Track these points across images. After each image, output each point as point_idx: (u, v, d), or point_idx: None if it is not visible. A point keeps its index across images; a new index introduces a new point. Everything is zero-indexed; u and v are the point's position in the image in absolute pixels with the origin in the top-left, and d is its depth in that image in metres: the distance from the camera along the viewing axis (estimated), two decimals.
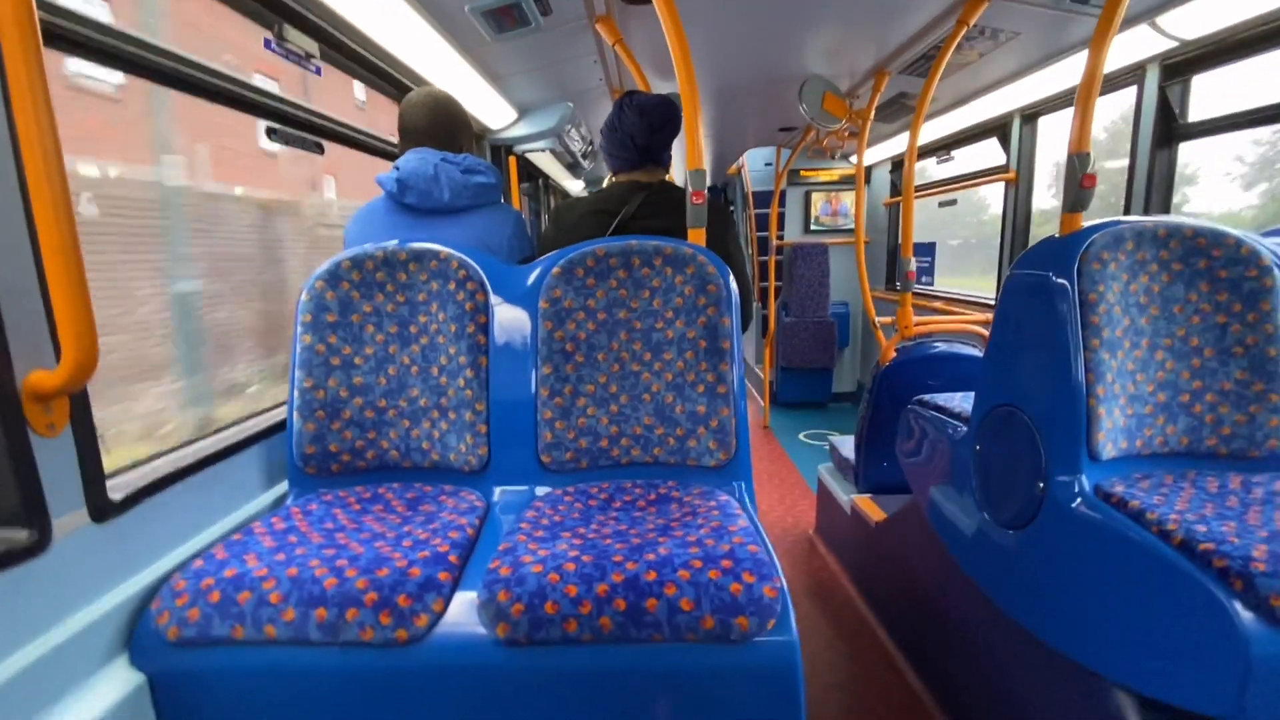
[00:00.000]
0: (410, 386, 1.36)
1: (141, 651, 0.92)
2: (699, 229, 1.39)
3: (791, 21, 2.24)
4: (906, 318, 2.50)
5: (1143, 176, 2.32)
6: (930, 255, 4.45)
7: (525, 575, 0.93)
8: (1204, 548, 0.96)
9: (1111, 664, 1.10)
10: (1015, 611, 1.35)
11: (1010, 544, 1.37)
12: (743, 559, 0.95)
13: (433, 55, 2.03)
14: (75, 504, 0.89)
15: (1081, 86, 1.35)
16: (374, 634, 0.89)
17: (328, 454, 1.32)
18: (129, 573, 0.98)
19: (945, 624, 1.74)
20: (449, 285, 1.36)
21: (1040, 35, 2.27)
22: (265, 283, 3.21)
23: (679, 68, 1.30)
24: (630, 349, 1.36)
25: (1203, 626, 0.94)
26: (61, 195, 0.74)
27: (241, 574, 0.94)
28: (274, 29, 1.50)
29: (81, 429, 0.90)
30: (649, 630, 0.89)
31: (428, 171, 1.50)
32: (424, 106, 1.59)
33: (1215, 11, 1.89)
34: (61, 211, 0.74)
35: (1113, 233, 1.29)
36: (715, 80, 3.04)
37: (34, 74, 0.71)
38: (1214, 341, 1.29)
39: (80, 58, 1.06)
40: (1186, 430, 1.29)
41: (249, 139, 5.56)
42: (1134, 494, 1.14)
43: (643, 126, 1.64)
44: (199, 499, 1.15)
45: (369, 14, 1.68)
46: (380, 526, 1.13)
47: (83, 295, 0.77)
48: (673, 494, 1.24)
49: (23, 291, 0.81)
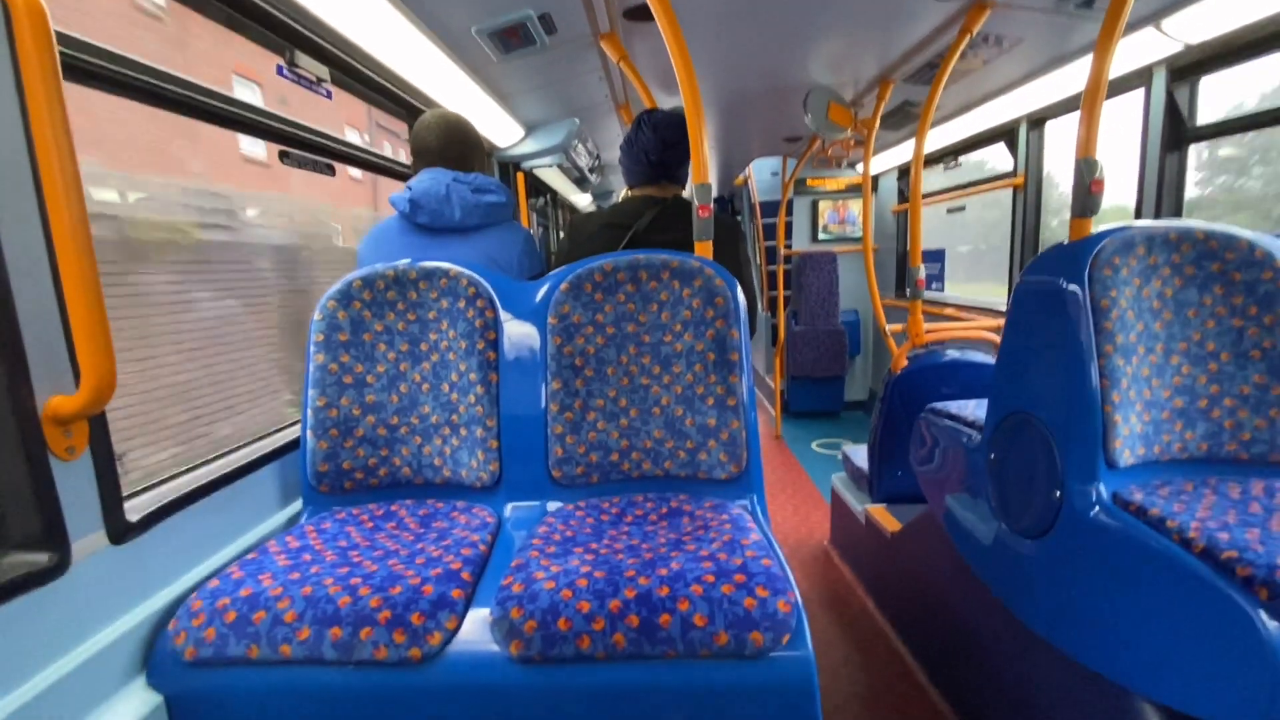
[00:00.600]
0: (422, 404, 1.37)
1: (159, 672, 0.93)
2: (705, 241, 1.40)
3: (794, 32, 2.26)
4: (917, 325, 2.48)
5: (1153, 180, 2.30)
6: (940, 261, 4.42)
7: (538, 592, 0.93)
8: (1227, 556, 0.94)
9: (1134, 676, 1.08)
10: (1035, 623, 1.33)
11: (1028, 554, 1.35)
12: (756, 573, 0.94)
13: (441, 77, 2.07)
14: (94, 526, 0.90)
15: (1087, 92, 1.35)
16: (388, 653, 0.89)
17: (341, 472, 1.33)
18: (146, 593, 0.99)
19: (964, 636, 1.71)
20: (459, 303, 1.37)
21: (1044, 41, 2.27)
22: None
23: (682, 82, 1.31)
24: (639, 363, 1.36)
25: (1228, 637, 0.92)
26: (80, 223, 0.76)
27: (257, 593, 0.94)
28: (285, 55, 1.53)
29: (100, 451, 0.91)
30: (663, 647, 0.88)
31: (440, 192, 1.52)
32: (436, 128, 1.62)
33: (1220, 14, 1.89)
34: (81, 240, 0.76)
35: (1123, 238, 1.28)
36: (720, 93, 3.06)
37: (54, 106, 0.73)
38: (1230, 345, 1.27)
39: (98, 89, 1.08)
40: (1205, 436, 1.27)
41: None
42: (1154, 501, 1.12)
43: (656, 143, 1.68)
44: (214, 519, 1.16)
45: (378, 38, 1.71)
46: (393, 544, 1.13)
47: (101, 321, 0.79)
48: (684, 507, 1.23)
49: (43, 318, 0.83)
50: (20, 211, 0.80)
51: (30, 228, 0.81)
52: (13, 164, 0.79)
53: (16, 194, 0.79)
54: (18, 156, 0.79)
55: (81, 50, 1.01)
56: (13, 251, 0.79)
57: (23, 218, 0.80)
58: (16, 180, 0.79)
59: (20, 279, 0.80)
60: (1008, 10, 1.97)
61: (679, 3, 1.57)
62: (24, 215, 0.80)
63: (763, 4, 1.98)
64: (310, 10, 1.46)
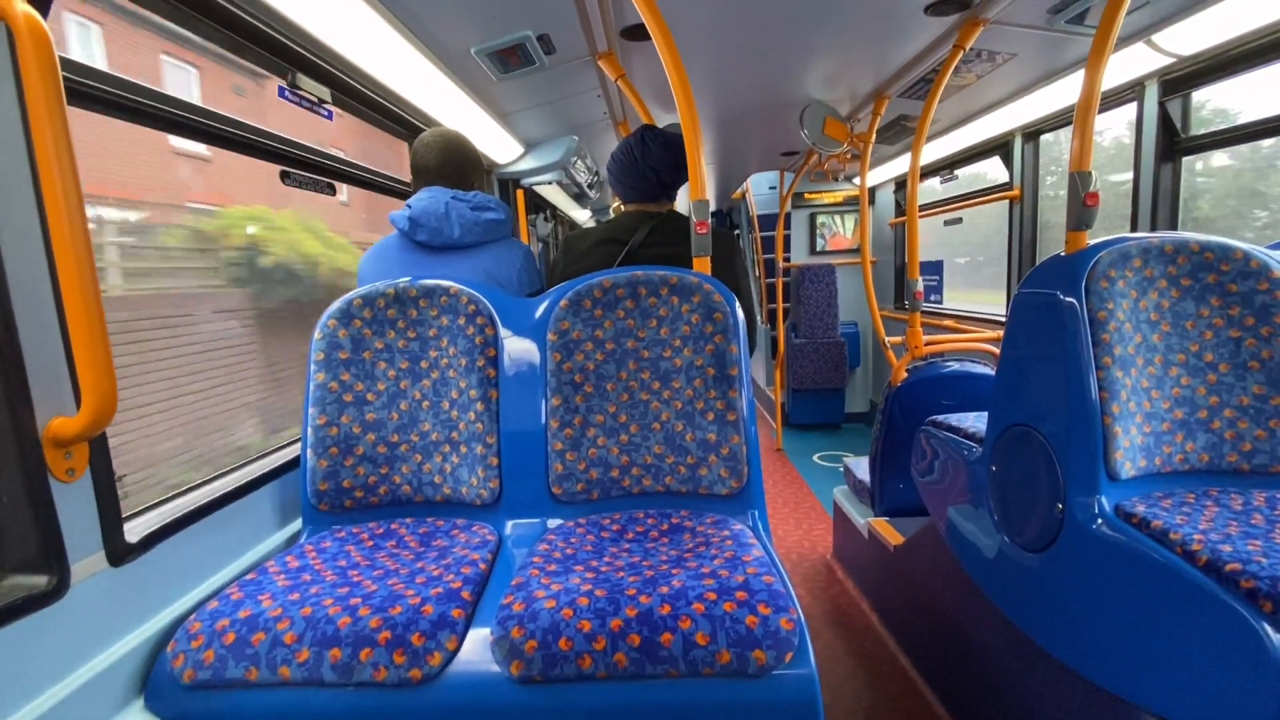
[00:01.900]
0: (422, 421, 1.37)
1: (157, 695, 0.92)
2: (704, 257, 1.41)
3: (790, 49, 2.29)
4: (916, 338, 2.49)
5: (1147, 192, 2.32)
6: (938, 274, 4.44)
7: (539, 611, 0.92)
8: (1230, 568, 0.94)
9: (1139, 689, 1.07)
10: (1039, 636, 1.32)
11: (1031, 567, 1.34)
12: (758, 590, 0.94)
13: (441, 96, 2.09)
14: (93, 548, 0.90)
15: (1080, 106, 1.36)
16: (388, 674, 0.88)
17: (341, 490, 1.32)
18: (145, 615, 0.99)
19: (968, 650, 1.70)
20: (459, 320, 1.37)
21: (1037, 57, 2.30)
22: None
23: (679, 100, 1.33)
24: (639, 378, 1.36)
25: (1232, 650, 0.91)
26: (82, 245, 0.77)
27: (256, 615, 0.94)
28: (287, 77, 1.55)
29: (100, 473, 0.91)
30: (664, 665, 0.88)
31: (439, 210, 1.53)
32: (435, 146, 1.64)
33: (1212, 27, 1.91)
34: (83, 261, 0.77)
35: (1119, 250, 1.29)
36: (717, 109, 3.09)
37: (57, 129, 0.74)
38: (1228, 356, 1.28)
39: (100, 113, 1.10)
40: (1206, 447, 1.27)
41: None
42: (1156, 514, 1.12)
43: (670, 162, 1.66)
44: (214, 538, 1.16)
45: (379, 60, 1.73)
46: (393, 563, 1.13)
47: (103, 343, 0.80)
48: (685, 524, 1.23)
49: (45, 339, 0.83)
50: (23, 233, 0.80)
51: (33, 249, 0.82)
52: (16, 186, 0.80)
53: (19, 216, 0.80)
54: (21, 179, 0.80)
55: (84, 75, 1.03)
56: (15, 273, 0.79)
57: (25, 239, 0.81)
58: (19, 202, 0.80)
59: (22, 300, 0.80)
60: (1000, 26, 1.99)
61: (675, 21, 1.60)
62: (26, 236, 0.81)
63: (758, 21, 2.01)
64: (312, 32, 1.48)
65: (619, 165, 1.73)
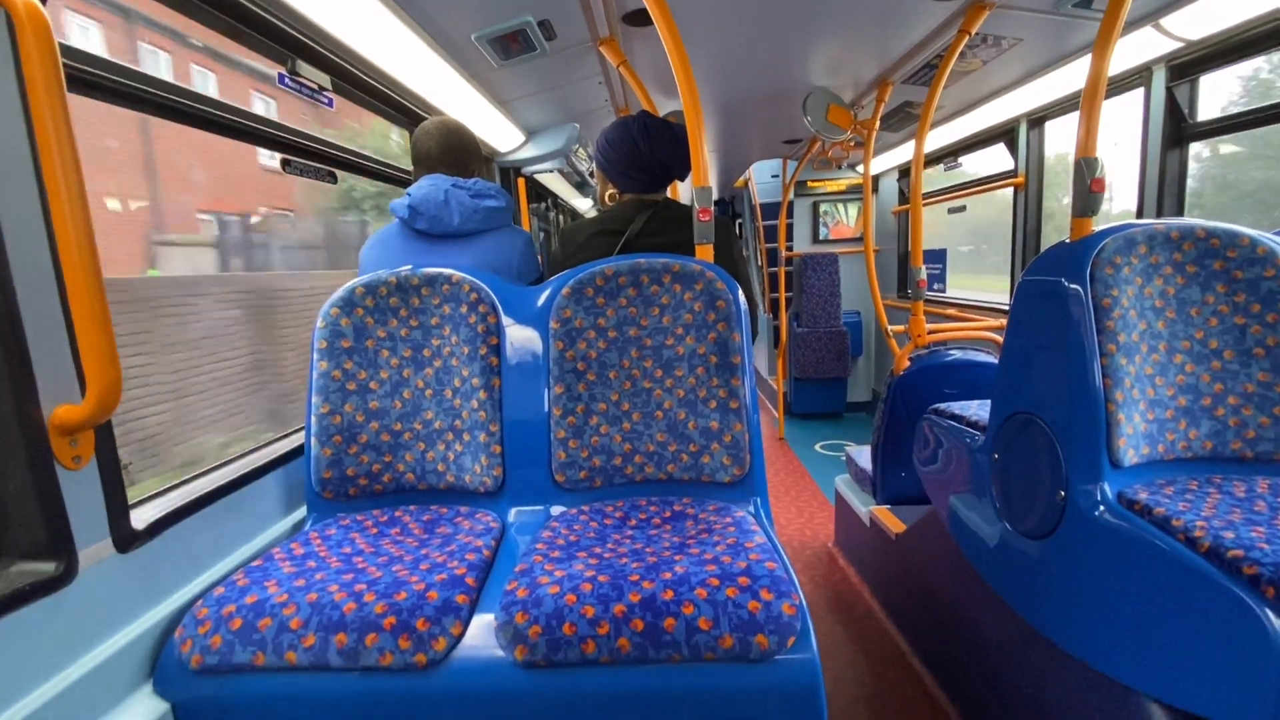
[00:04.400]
0: (425, 409, 1.37)
1: (165, 680, 0.93)
2: (706, 245, 1.40)
3: (793, 35, 2.27)
4: (919, 326, 2.48)
5: (1154, 178, 2.30)
6: (942, 262, 4.42)
7: (542, 596, 0.93)
8: (1232, 554, 0.94)
9: (1141, 676, 1.07)
10: (1040, 623, 1.33)
11: (1033, 554, 1.35)
12: (760, 576, 0.94)
13: (442, 83, 2.08)
14: (100, 535, 0.91)
15: (1086, 91, 1.35)
16: (393, 659, 0.89)
17: (345, 478, 1.33)
18: (152, 601, 1.00)
19: (969, 637, 1.71)
20: (461, 308, 1.37)
21: (1043, 41, 2.27)
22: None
23: (682, 87, 1.32)
24: (641, 366, 1.36)
25: (1234, 636, 0.92)
26: (85, 233, 0.77)
27: (262, 600, 0.95)
28: (287, 64, 1.54)
29: (106, 460, 0.91)
30: (667, 650, 0.88)
31: (438, 198, 1.53)
32: (435, 134, 1.63)
33: (1220, 11, 1.89)
34: (86, 249, 0.77)
35: (1125, 236, 1.28)
36: (719, 96, 3.06)
37: (58, 116, 0.74)
38: (1234, 343, 1.27)
39: (101, 100, 1.09)
40: (1210, 434, 1.26)
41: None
42: (1158, 501, 1.12)
43: (680, 156, 1.64)
44: (220, 526, 1.17)
45: (380, 47, 1.72)
46: (398, 550, 1.14)
47: (106, 330, 0.80)
48: (688, 511, 1.23)
49: (49, 328, 0.83)
50: (25, 221, 0.80)
51: (35, 237, 0.82)
52: (18, 174, 0.80)
53: (21, 204, 0.80)
54: (22, 167, 0.80)
55: (85, 61, 1.02)
56: (18, 261, 0.79)
57: (28, 228, 0.81)
58: (21, 191, 0.80)
59: (26, 289, 0.80)
60: (1006, 10, 1.97)
61: (678, 7, 1.58)
62: (29, 225, 0.81)
63: (761, 7, 1.99)
64: (312, 19, 1.47)
65: (621, 156, 1.66)
